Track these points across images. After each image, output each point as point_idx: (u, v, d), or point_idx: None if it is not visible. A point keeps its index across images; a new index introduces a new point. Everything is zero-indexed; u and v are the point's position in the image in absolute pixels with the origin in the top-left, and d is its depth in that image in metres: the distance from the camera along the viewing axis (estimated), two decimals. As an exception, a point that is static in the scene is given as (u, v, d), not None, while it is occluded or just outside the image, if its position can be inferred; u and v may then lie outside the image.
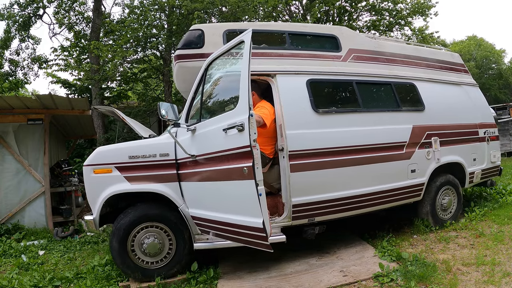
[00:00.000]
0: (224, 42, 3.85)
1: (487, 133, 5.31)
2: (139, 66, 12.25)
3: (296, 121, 3.68)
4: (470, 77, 5.67)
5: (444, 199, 4.71)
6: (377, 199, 4.04)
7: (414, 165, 4.32)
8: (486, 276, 3.13)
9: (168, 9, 10.62)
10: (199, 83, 3.52)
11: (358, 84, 4.23)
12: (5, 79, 14.68)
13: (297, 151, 3.60)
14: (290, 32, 4.16)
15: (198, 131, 3.36)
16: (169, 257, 3.50)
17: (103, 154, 3.53)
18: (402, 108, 4.42)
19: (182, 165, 3.49)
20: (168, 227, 3.49)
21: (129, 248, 3.43)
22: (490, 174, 5.41)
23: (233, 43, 3.15)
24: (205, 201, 3.37)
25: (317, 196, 3.67)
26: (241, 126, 2.79)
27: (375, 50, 4.55)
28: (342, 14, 14.01)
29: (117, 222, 3.44)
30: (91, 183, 3.49)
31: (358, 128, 4.00)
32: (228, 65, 3.46)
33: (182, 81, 4.26)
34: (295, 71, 3.90)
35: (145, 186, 3.46)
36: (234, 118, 2.89)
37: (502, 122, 13.59)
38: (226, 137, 2.97)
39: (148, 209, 3.49)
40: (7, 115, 5.83)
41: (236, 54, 3.19)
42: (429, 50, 5.32)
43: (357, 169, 3.90)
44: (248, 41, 2.90)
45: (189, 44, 3.89)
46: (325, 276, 3.36)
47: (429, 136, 4.49)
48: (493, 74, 29.46)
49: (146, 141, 3.69)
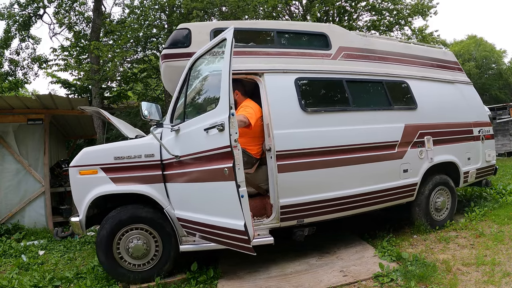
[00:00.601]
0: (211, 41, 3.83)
1: (482, 132, 5.23)
2: (139, 66, 12.25)
3: (284, 120, 3.62)
4: (464, 75, 5.58)
5: (438, 199, 4.63)
6: (368, 200, 3.98)
7: (406, 164, 4.25)
8: (486, 276, 3.12)
9: (168, 9, 10.63)
10: (183, 83, 3.48)
11: (348, 83, 4.15)
12: (5, 78, 14.68)
13: (285, 151, 3.54)
14: (278, 30, 4.09)
15: (182, 131, 3.32)
16: (155, 259, 3.45)
17: (88, 155, 3.50)
18: (394, 107, 4.35)
19: (167, 166, 3.45)
20: (154, 229, 3.44)
21: (115, 251, 3.39)
22: (485, 173, 5.34)
23: (216, 41, 3.11)
24: (190, 203, 3.33)
25: (306, 197, 3.61)
26: (222, 126, 2.75)
27: (366, 48, 4.48)
28: (342, 14, 14.00)
29: (103, 224, 3.40)
30: (76, 184, 3.46)
31: (348, 127, 3.93)
32: (211, 63, 3.41)
33: (169, 81, 4.20)
34: (283, 70, 3.84)
35: (130, 187, 3.43)
36: (215, 117, 2.86)
37: (502, 122, 13.59)
38: (208, 137, 2.94)
39: (135, 211, 3.44)
40: (7, 115, 5.84)
41: (221, 52, 3.09)
42: (422, 48, 5.24)
43: (347, 169, 3.83)
44: (229, 39, 2.84)
45: (176, 43, 3.84)
46: (325, 276, 3.36)
47: (422, 135, 4.43)
48: (493, 74, 29.46)
49: (131, 142, 3.66)
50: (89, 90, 12.87)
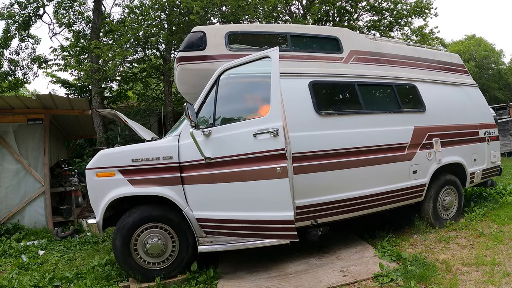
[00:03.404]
0: (226, 43, 3.87)
1: (487, 134, 5.32)
2: (139, 66, 12.25)
3: (299, 123, 3.71)
4: (470, 77, 5.69)
5: (446, 199, 4.73)
6: (379, 200, 4.06)
7: (415, 166, 4.33)
8: (486, 276, 3.13)
9: (168, 9, 10.63)
10: (211, 88, 3.51)
11: (360, 86, 4.25)
12: (4, 78, 14.68)
13: (300, 153, 3.63)
14: (291, 34, 4.18)
15: (215, 134, 3.36)
16: (171, 258, 3.49)
17: (106, 157, 3.52)
18: (404, 109, 4.44)
19: (185, 168, 3.48)
20: (172, 228, 3.49)
21: (132, 248, 3.42)
22: (490, 174, 5.43)
23: (256, 56, 3.30)
24: (221, 202, 3.37)
25: (320, 198, 3.69)
26: (276, 131, 3.05)
27: (376, 51, 4.57)
28: (343, 14, 13.99)
29: (121, 222, 3.43)
30: (94, 187, 3.48)
31: (360, 129, 4.02)
32: (246, 75, 3.54)
33: (184, 83, 4.26)
34: (297, 73, 3.92)
35: (149, 190, 3.45)
36: (265, 124, 3.11)
37: (502, 122, 13.59)
38: (257, 141, 3.14)
39: (152, 210, 3.48)
40: (7, 115, 5.82)
41: (256, 64, 3.36)
42: (429, 51, 5.35)
43: (359, 170, 3.92)
44: (275, 58, 3.13)
45: (191, 46, 3.90)
46: (325, 276, 3.37)
47: (430, 137, 4.51)
48: (492, 74, 29.45)
49: (149, 144, 3.68)
50: (89, 90, 12.87)
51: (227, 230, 3.39)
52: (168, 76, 11.20)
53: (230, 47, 3.90)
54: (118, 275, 3.66)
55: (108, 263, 3.99)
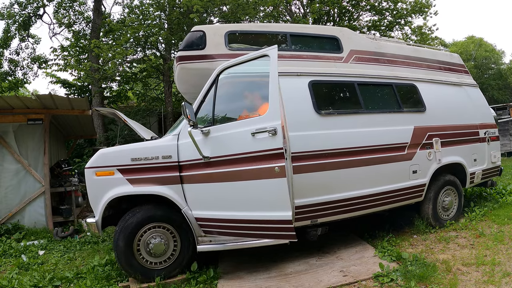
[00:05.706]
0: (225, 43, 3.87)
1: (488, 134, 5.32)
2: (139, 66, 12.25)
3: (298, 122, 3.70)
4: (471, 77, 5.68)
5: (446, 199, 4.72)
6: (379, 200, 4.06)
7: (415, 166, 4.33)
8: (486, 276, 3.13)
9: (168, 9, 10.63)
10: (210, 87, 3.51)
11: (360, 86, 4.24)
12: (4, 78, 14.68)
13: (299, 152, 3.62)
14: (291, 33, 4.17)
15: (213, 133, 3.35)
16: (172, 258, 3.49)
17: (105, 157, 3.52)
18: (404, 109, 4.43)
19: (184, 167, 3.48)
20: (174, 227, 3.49)
21: (135, 248, 3.41)
22: (490, 174, 5.42)
23: (255, 55, 3.26)
24: (219, 201, 3.37)
25: (320, 198, 3.68)
26: (274, 131, 3.03)
27: (376, 51, 4.56)
28: (343, 14, 13.99)
29: (124, 222, 3.42)
30: (93, 186, 3.48)
31: (360, 129, 4.01)
32: (245, 74, 3.53)
33: (183, 83, 4.26)
34: (297, 73, 3.91)
35: (148, 189, 3.45)
36: (264, 123, 3.08)
37: (502, 122, 13.58)
38: (255, 140, 3.12)
39: (155, 210, 3.49)
40: (7, 115, 5.82)
41: (255, 63, 3.32)
42: (429, 51, 5.34)
43: (358, 170, 3.91)
44: (273, 56, 3.09)
45: (191, 46, 3.89)
46: (325, 276, 3.37)
47: (430, 137, 4.50)
48: (492, 74, 29.44)
49: (148, 143, 3.68)
50: (89, 90, 12.87)
51: (226, 229, 3.39)
52: (168, 76, 11.20)
53: (230, 47, 3.90)
54: (118, 275, 3.66)
55: (108, 263, 3.98)
